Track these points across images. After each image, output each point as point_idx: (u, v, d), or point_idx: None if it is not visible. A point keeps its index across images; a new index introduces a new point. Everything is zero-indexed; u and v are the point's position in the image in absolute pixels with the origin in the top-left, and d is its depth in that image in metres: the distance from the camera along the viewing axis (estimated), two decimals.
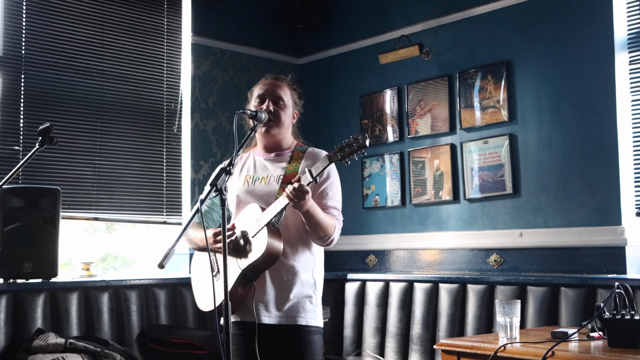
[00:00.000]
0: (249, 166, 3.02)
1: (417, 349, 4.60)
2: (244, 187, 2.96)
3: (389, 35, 5.51)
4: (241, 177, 3.00)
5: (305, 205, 2.66)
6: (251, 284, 2.79)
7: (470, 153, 4.95)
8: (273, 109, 2.92)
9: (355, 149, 2.59)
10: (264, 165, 2.99)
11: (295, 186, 2.62)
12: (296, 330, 2.83)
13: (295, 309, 2.83)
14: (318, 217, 2.74)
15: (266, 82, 3.01)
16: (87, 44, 4.98)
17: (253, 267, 2.76)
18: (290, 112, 2.98)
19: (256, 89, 3.02)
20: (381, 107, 5.56)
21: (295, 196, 2.62)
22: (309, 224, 2.76)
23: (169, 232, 5.42)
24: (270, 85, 2.98)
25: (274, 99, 2.94)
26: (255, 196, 2.90)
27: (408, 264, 5.29)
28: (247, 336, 2.88)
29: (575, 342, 2.98)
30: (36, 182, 4.59)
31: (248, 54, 5.90)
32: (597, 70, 4.42)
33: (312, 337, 2.85)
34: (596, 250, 4.34)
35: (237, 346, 2.92)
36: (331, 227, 2.80)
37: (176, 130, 5.39)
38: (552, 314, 4.04)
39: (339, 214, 2.90)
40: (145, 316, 4.61)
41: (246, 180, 2.97)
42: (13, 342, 4.02)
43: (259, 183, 2.93)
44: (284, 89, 2.98)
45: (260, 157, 3.02)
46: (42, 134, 2.81)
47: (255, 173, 2.98)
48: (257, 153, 3.05)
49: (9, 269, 4.11)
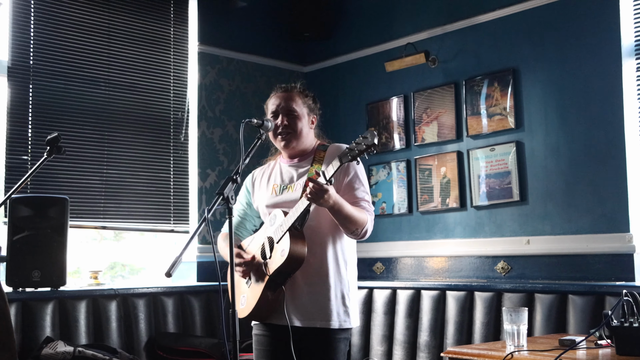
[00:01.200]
0: (276, 175, 3.05)
1: (425, 356, 4.59)
2: (272, 196, 2.99)
3: (395, 43, 5.52)
4: (269, 186, 3.03)
5: (329, 201, 2.67)
6: (280, 288, 2.81)
7: (477, 160, 4.95)
8: (288, 122, 2.94)
9: (364, 148, 2.60)
10: (289, 173, 3.01)
11: (310, 185, 2.64)
12: (325, 334, 2.83)
13: (326, 312, 2.83)
14: (346, 212, 2.75)
15: (277, 95, 3.02)
16: (94, 53, 5.00)
17: (278, 273, 2.78)
18: (305, 120, 3.00)
19: (269, 104, 3.04)
20: (387, 115, 5.56)
21: (315, 195, 2.64)
22: (338, 219, 2.77)
23: (176, 241, 5.43)
24: (281, 99, 2.99)
25: (287, 113, 2.96)
26: (284, 204, 2.92)
27: (415, 271, 5.29)
28: (274, 338, 2.90)
29: (583, 350, 2.97)
30: (44, 191, 4.61)
31: (254, 63, 5.92)
32: (604, 77, 4.42)
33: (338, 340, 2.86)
34: (604, 258, 4.33)
35: (263, 347, 2.95)
36: (362, 219, 2.81)
37: (183, 139, 5.41)
38: (560, 322, 4.02)
39: (369, 205, 2.90)
40: (153, 324, 4.62)
41: (274, 190, 3.00)
42: (22, 350, 4.04)
43: (287, 192, 2.96)
44: (295, 98, 2.99)
45: (285, 165, 3.05)
46: (50, 143, 2.83)
47: (282, 182, 3.01)
48: (283, 160, 3.08)
49: (18, 277, 4.12)
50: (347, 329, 2.91)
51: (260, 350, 2.97)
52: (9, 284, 4.12)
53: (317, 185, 2.63)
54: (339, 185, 2.88)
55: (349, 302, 2.91)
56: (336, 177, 2.85)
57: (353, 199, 2.86)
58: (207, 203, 5.42)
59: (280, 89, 3.05)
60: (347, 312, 2.90)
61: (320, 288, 2.85)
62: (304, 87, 3.10)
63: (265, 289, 2.82)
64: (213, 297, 4.95)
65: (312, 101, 3.07)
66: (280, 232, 2.79)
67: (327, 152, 2.97)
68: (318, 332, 2.84)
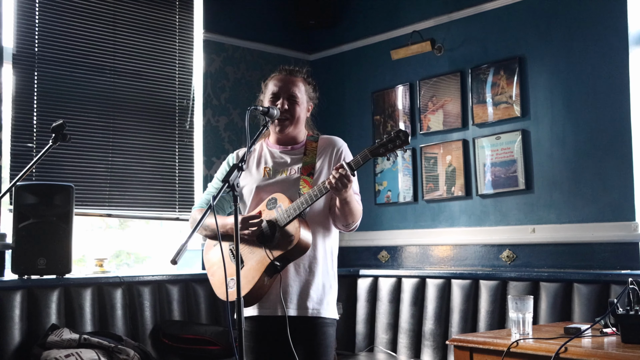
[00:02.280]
0: (266, 158, 3.01)
1: (430, 344, 4.59)
2: (264, 178, 2.95)
3: (400, 31, 5.50)
4: (259, 169, 2.99)
5: (346, 192, 2.68)
6: (277, 274, 2.80)
7: (483, 149, 4.94)
8: (288, 107, 2.91)
9: (398, 145, 2.61)
10: (281, 157, 2.98)
11: (342, 172, 2.63)
12: (315, 322, 2.83)
13: (317, 300, 2.84)
14: (352, 205, 2.78)
15: (280, 77, 2.99)
16: (100, 41, 5.00)
17: (282, 257, 2.76)
18: (304, 107, 2.98)
19: (270, 83, 3.01)
20: (393, 103, 5.55)
21: (341, 183, 2.63)
22: (343, 210, 2.78)
23: (181, 229, 5.44)
24: (285, 82, 2.96)
25: (288, 97, 2.92)
26: (277, 188, 2.90)
27: (420, 260, 5.29)
28: (259, 334, 2.87)
29: (589, 338, 2.97)
30: (50, 179, 4.62)
31: (260, 51, 5.90)
32: (611, 65, 4.40)
33: (328, 329, 2.86)
34: (609, 246, 4.32)
35: (249, 343, 2.89)
36: (359, 213, 2.86)
37: (188, 127, 5.40)
38: (565, 310, 4.02)
39: (359, 199, 2.92)
40: (159, 312, 4.63)
41: (266, 172, 2.96)
42: (28, 338, 4.05)
43: (280, 175, 2.93)
44: (298, 84, 2.97)
45: (275, 149, 3.02)
46: (55, 131, 2.82)
47: (274, 164, 2.97)
48: (271, 145, 3.04)
49: (24, 265, 4.13)
50: (334, 319, 2.92)
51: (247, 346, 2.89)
52: (15, 271, 4.13)
53: (345, 176, 2.63)
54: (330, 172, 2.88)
55: (335, 292, 2.94)
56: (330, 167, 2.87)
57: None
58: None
59: (284, 70, 3.02)
60: (334, 302, 2.92)
61: (311, 276, 2.85)
62: (308, 73, 3.07)
63: (264, 274, 2.77)
64: None
65: (313, 90, 3.05)
66: (287, 216, 2.77)
67: (319, 144, 2.96)
68: (309, 321, 2.83)
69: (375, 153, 2.64)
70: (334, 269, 2.96)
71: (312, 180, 2.85)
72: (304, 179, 2.85)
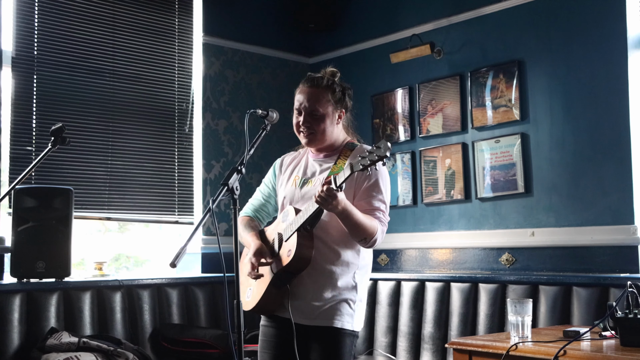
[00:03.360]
0: (300, 167, 2.99)
1: (429, 348, 4.59)
2: (292, 188, 2.94)
3: (400, 34, 5.51)
4: (291, 177, 2.98)
5: (338, 206, 2.62)
6: (285, 286, 2.80)
7: (482, 152, 4.94)
8: (310, 123, 2.87)
9: (376, 159, 2.52)
10: (313, 167, 2.96)
11: (324, 189, 2.59)
12: (328, 332, 2.80)
13: (330, 313, 2.80)
14: (356, 219, 2.69)
15: (302, 89, 2.92)
16: (99, 44, 5.00)
17: (284, 272, 2.76)
18: (330, 118, 2.90)
19: (296, 96, 2.94)
20: (392, 107, 5.56)
21: (324, 199, 2.59)
22: (347, 225, 2.72)
23: (180, 232, 5.44)
24: (305, 96, 2.90)
25: (309, 112, 2.87)
26: (303, 198, 2.87)
27: (419, 263, 5.29)
28: (280, 329, 2.89)
29: (588, 342, 2.97)
30: (49, 182, 4.62)
31: (259, 54, 5.91)
32: (610, 68, 4.40)
33: (343, 338, 2.81)
34: (608, 250, 4.32)
35: (268, 337, 2.94)
36: (372, 228, 2.74)
37: (188, 130, 5.41)
38: (564, 313, 4.02)
39: (383, 215, 2.82)
40: (158, 315, 4.63)
41: (294, 182, 2.95)
42: (27, 341, 4.05)
43: (307, 186, 2.90)
44: (319, 98, 2.88)
45: (312, 158, 3.00)
46: (55, 134, 2.83)
47: (304, 175, 2.95)
48: (311, 152, 3.01)
49: (23, 268, 4.13)
50: (352, 330, 2.86)
51: (265, 340, 2.97)
52: (14, 274, 4.13)
53: (327, 191, 2.58)
54: (357, 188, 2.83)
55: (355, 306, 2.87)
56: (357, 180, 2.81)
57: (368, 206, 2.80)
58: (212, 194, 5.43)
59: (307, 83, 2.94)
60: (352, 314, 2.86)
61: (327, 289, 2.80)
62: (333, 78, 2.97)
63: (271, 285, 2.80)
64: (218, 289, 4.96)
65: (342, 94, 2.95)
66: (290, 230, 2.76)
67: (353, 152, 2.89)
68: (323, 331, 2.81)
69: (356, 167, 2.55)
70: (359, 280, 2.88)
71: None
72: None
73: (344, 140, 2.99)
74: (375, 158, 2.51)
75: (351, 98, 3.02)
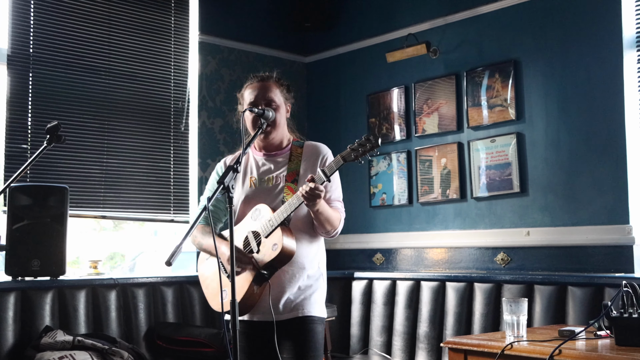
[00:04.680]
0: (251, 167, 3.03)
1: (424, 347, 4.60)
2: (251, 189, 2.98)
3: (396, 33, 5.51)
4: (246, 179, 3.02)
5: (318, 204, 2.71)
6: (266, 282, 2.83)
7: (478, 152, 4.95)
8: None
9: (368, 149, 2.67)
10: (265, 165, 3.00)
11: (311, 186, 2.66)
12: (300, 322, 2.86)
13: (301, 303, 2.87)
14: (327, 214, 2.81)
15: (254, 85, 2.99)
16: (95, 42, 4.99)
17: (269, 266, 2.80)
18: (283, 110, 2.99)
19: (246, 93, 3.01)
20: (388, 106, 5.56)
21: (311, 196, 2.67)
22: (318, 220, 2.82)
23: (176, 230, 5.43)
24: (259, 89, 2.96)
25: (266, 103, 2.93)
26: (263, 197, 2.93)
27: (415, 262, 5.29)
28: (252, 335, 2.91)
29: (583, 341, 2.97)
30: (44, 180, 4.61)
31: (255, 53, 5.90)
32: (605, 68, 4.41)
33: (314, 326, 2.89)
34: (604, 249, 4.33)
35: (241, 343, 2.93)
36: (337, 220, 2.89)
37: (183, 129, 5.40)
38: (559, 313, 4.03)
39: (341, 205, 2.97)
40: (153, 314, 4.62)
41: (252, 183, 2.99)
42: (21, 340, 4.04)
43: (266, 184, 2.96)
44: (273, 89, 2.96)
45: (260, 157, 3.04)
46: (50, 132, 2.82)
47: (259, 174, 2.99)
48: (256, 152, 3.05)
49: (17, 266, 4.12)
50: (321, 317, 2.95)
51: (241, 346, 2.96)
52: (8, 273, 4.12)
53: (315, 189, 2.66)
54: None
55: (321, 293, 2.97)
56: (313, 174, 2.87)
57: (328, 199, 2.91)
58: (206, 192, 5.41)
59: (256, 78, 3.02)
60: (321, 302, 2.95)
61: (299, 281, 2.88)
62: (279, 75, 3.07)
63: (252, 283, 2.82)
64: None
65: (287, 90, 3.05)
66: (270, 226, 2.80)
67: (304, 150, 2.98)
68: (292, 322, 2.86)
69: (347, 158, 2.69)
70: (321, 270, 2.99)
71: (295, 187, 2.87)
72: (288, 186, 2.88)
73: (289, 138, 3.06)
74: (368, 148, 2.66)
75: (293, 97, 3.10)
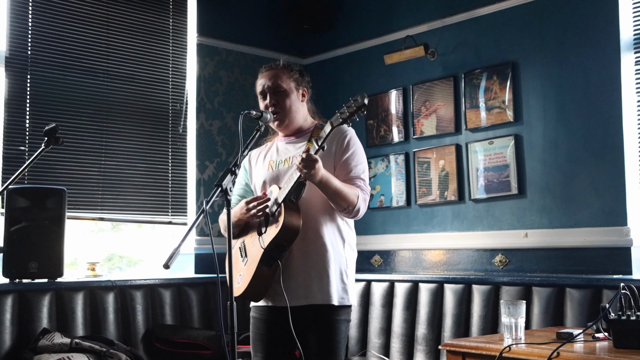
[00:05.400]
0: (272, 152, 3.05)
1: (422, 349, 4.59)
2: (269, 172, 2.99)
3: (394, 35, 5.51)
4: (265, 163, 3.03)
5: (316, 175, 2.67)
6: (276, 263, 2.79)
7: (476, 153, 4.95)
8: (276, 101, 2.94)
9: (355, 109, 2.62)
10: (285, 149, 3.01)
11: (303, 156, 2.63)
12: (325, 311, 2.81)
13: (324, 289, 2.81)
14: (335, 187, 2.74)
15: (262, 75, 3.04)
16: (93, 44, 4.99)
17: (274, 245, 2.76)
18: (294, 95, 2.99)
19: (257, 85, 3.05)
20: (386, 108, 5.56)
21: (305, 166, 2.63)
22: (327, 194, 2.76)
23: (174, 232, 5.43)
24: (266, 78, 3.00)
25: (273, 90, 2.95)
26: (280, 178, 2.92)
27: (413, 264, 5.29)
28: (271, 322, 2.89)
29: (581, 343, 2.97)
30: (42, 182, 4.61)
31: (253, 54, 5.90)
32: (603, 71, 4.41)
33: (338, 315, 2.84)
34: (602, 251, 4.33)
35: (259, 330, 2.93)
36: (353, 195, 2.79)
37: (181, 131, 5.40)
38: (558, 315, 4.03)
39: (364, 184, 2.88)
40: (151, 316, 4.62)
41: (270, 166, 3.00)
42: (19, 342, 4.04)
43: (282, 166, 2.95)
44: (280, 75, 2.99)
45: (282, 142, 3.05)
46: (48, 134, 2.82)
47: (278, 157, 3.00)
48: (280, 139, 3.07)
49: (15, 269, 4.12)
50: (347, 307, 2.89)
51: (257, 333, 2.95)
52: (6, 275, 4.12)
53: (307, 157, 2.63)
54: (336, 161, 2.88)
55: (347, 280, 2.90)
56: (335, 152, 2.86)
57: (347, 176, 2.86)
58: (206, 195, 5.42)
59: (264, 68, 3.06)
60: (346, 289, 2.89)
61: (318, 264, 2.83)
62: (288, 62, 3.08)
63: (261, 264, 2.79)
64: (211, 289, 4.95)
65: (299, 74, 3.05)
66: (275, 205, 2.79)
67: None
68: (317, 310, 2.82)
69: (335, 123, 2.65)
70: (347, 255, 2.93)
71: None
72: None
73: (312, 123, 3.06)
74: (354, 109, 2.62)
75: (309, 81, 3.10)
